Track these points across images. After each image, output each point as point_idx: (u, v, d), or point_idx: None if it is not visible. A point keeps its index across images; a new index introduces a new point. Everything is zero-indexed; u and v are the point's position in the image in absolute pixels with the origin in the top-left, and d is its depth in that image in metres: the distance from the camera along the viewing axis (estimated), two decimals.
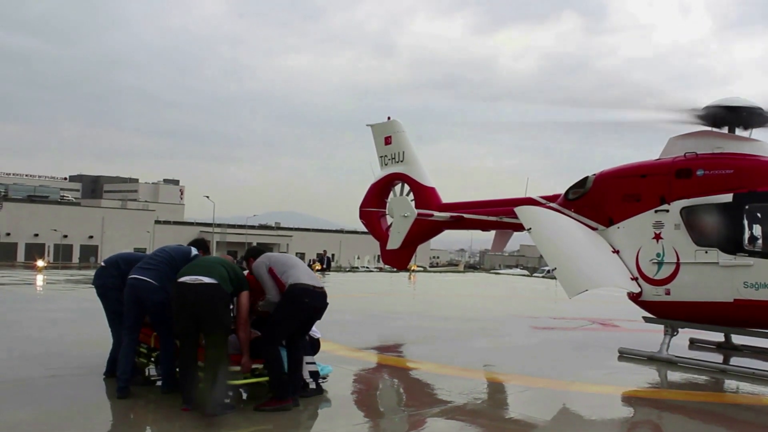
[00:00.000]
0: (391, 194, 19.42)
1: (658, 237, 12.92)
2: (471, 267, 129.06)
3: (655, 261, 12.91)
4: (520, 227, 15.01)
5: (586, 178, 14.34)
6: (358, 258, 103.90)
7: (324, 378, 9.54)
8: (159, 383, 9.04)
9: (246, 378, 8.54)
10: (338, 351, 12.23)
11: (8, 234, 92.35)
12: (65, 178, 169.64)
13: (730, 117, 13.26)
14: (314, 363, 9.26)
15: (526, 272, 78.49)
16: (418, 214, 17.57)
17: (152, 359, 9.32)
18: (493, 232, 17.49)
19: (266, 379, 8.62)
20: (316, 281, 8.94)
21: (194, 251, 9.38)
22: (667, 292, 12.80)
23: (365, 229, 20.43)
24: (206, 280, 8.15)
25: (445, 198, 18.52)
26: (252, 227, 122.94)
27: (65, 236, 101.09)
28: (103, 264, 9.86)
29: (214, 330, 8.13)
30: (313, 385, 9.08)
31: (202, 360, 8.29)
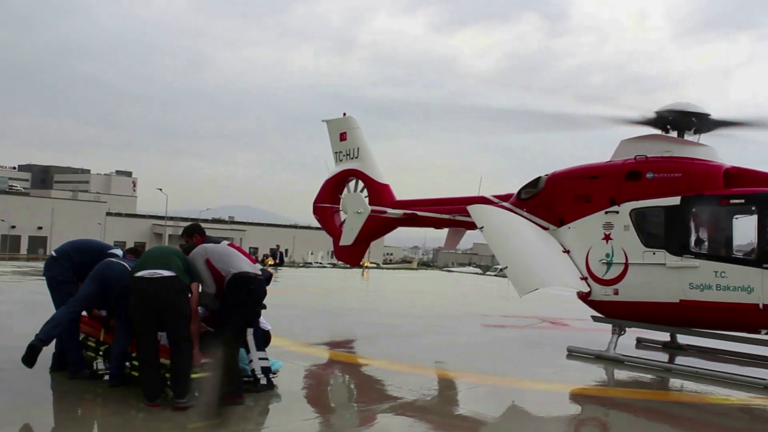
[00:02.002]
0: (345, 190, 19.41)
1: (607, 238, 13.12)
2: (424, 264, 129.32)
3: (605, 261, 13.11)
4: (472, 225, 15.13)
5: (539, 178, 14.50)
6: (312, 254, 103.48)
7: (275, 373, 9.51)
8: (107, 377, 8.95)
9: (195, 372, 8.48)
10: (289, 346, 12.19)
11: None
12: (14, 168, 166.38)
13: (680, 121, 13.50)
14: (266, 359, 9.23)
15: (479, 270, 78.93)
16: (372, 211, 17.60)
17: (100, 353, 9.24)
18: (446, 230, 17.58)
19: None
20: (256, 269, 9.04)
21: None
22: (616, 292, 13.01)
23: (319, 225, 20.41)
24: (165, 273, 8.09)
25: (400, 195, 18.58)
26: (205, 221, 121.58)
27: (13, 227, 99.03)
28: (54, 254, 9.59)
29: (178, 322, 8.14)
30: (264, 381, 9.06)
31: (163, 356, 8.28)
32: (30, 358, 8.36)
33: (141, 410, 7.94)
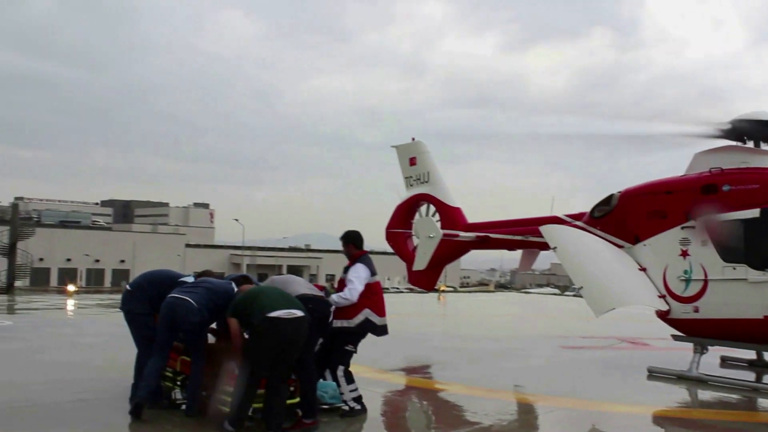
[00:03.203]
0: (417, 215, 19.41)
1: (685, 254, 12.82)
2: (501, 286, 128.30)
3: (683, 278, 12.81)
4: (545, 246, 14.96)
5: (612, 195, 14.29)
6: (388, 279, 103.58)
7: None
8: (183, 407, 9.08)
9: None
10: (365, 373, 12.15)
11: (41, 259, 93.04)
12: (97, 203, 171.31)
13: (757, 131, 13.15)
14: (356, 389, 9.27)
15: (557, 291, 77.91)
16: (444, 235, 17.57)
17: (178, 383, 9.38)
18: (520, 252, 17.43)
19: (296, 400, 8.67)
20: (315, 291, 9.10)
21: (235, 288, 9.25)
22: (696, 310, 12.68)
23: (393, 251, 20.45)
24: (299, 313, 8.13)
25: (473, 218, 18.49)
26: (282, 249, 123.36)
27: (97, 261, 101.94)
28: (128, 288, 9.68)
29: (292, 361, 8.26)
30: (358, 407, 9.14)
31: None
32: (137, 413, 8.63)
33: None
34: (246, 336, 8.37)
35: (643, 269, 13.39)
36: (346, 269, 9.41)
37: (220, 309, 8.89)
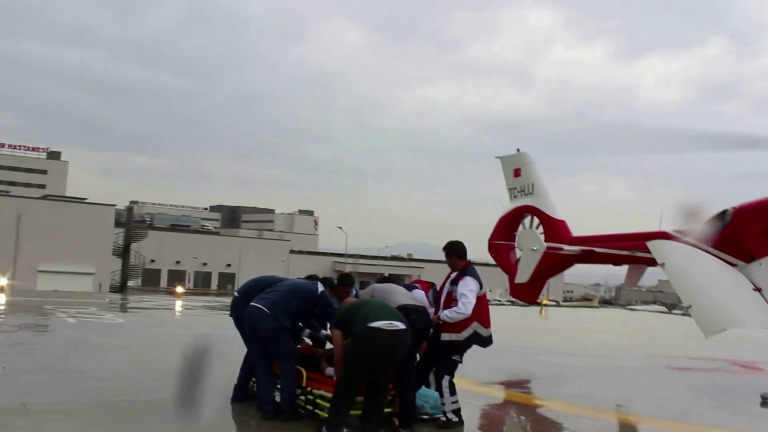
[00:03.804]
0: (520, 227, 19.14)
1: None
2: (606, 302, 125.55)
3: None
4: (653, 262, 14.48)
5: (725, 210, 13.74)
6: (490, 291, 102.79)
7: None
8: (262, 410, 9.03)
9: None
10: (463, 385, 11.99)
11: (153, 261, 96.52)
12: (206, 209, 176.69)
13: None
14: (457, 401, 9.13)
15: (664, 309, 75.76)
16: (548, 248, 17.26)
17: (278, 386, 9.43)
18: (625, 267, 16.97)
19: (389, 410, 8.63)
20: (417, 301, 9.03)
21: (320, 288, 9.24)
22: None
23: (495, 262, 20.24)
24: (400, 325, 8.05)
25: (577, 232, 18.12)
26: (384, 258, 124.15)
27: (204, 264, 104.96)
28: (236, 294, 9.84)
29: (389, 373, 8.24)
30: (455, 419, 8.99)
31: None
32: (295, 415, 8.70)
33: None
34: (347, 344, 8.37)
35: (758, 289, 12.79)
36: (455, 281, 9.26)
37: (301, 310, 9.00)
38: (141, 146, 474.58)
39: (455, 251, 9.43)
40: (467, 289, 9.03)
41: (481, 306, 9.20)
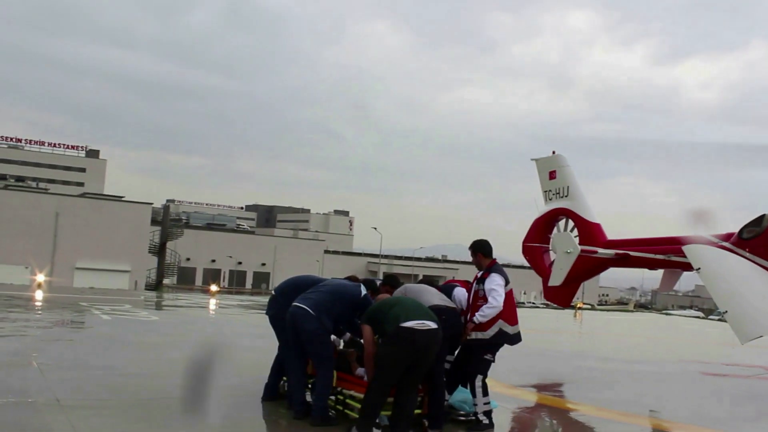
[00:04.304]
0: (555, 230, 19.02)
1: None
2: (642, 306, 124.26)
3: None
4: (688, 267, 14.33)
5: (763, 216, 13.54)
6: (524, 293, 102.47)
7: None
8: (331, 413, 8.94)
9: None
10: (494, 387, 11.93)
11: (188, 259, 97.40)
12: (241, 208, 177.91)
13: None
14: (489, 402, 9.12)
15: (700, 314, 74.76)
16: (582, 251, 17.13)
17: (309, 386, 9.45)
18: (661, 271, 16.79)
19: (419, 410, 8.62)
20: (448, 302, 9.07)
21: (363, 291, 9.16)
22: None
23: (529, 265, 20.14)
24: (432, 325, 8.04)
25: (613, 235, 17.96)
26: (418, 259, 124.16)
27: (239, 263, 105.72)
28: (273, 293, 9.85)
29: (424, 369, 8.20)
30: (486, 420, 8.95)
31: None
32: (326, 420, 8.58)
33: None
34: (379, 343, 8.36)
35: None
36: (481, 280, 9.23)
37: (344, 313, 8.92)
38: (178, 145, 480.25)
39: (480, 249, 9.42)
40: (495, 284, 9.01)
41: (508, 303, 9.15)
